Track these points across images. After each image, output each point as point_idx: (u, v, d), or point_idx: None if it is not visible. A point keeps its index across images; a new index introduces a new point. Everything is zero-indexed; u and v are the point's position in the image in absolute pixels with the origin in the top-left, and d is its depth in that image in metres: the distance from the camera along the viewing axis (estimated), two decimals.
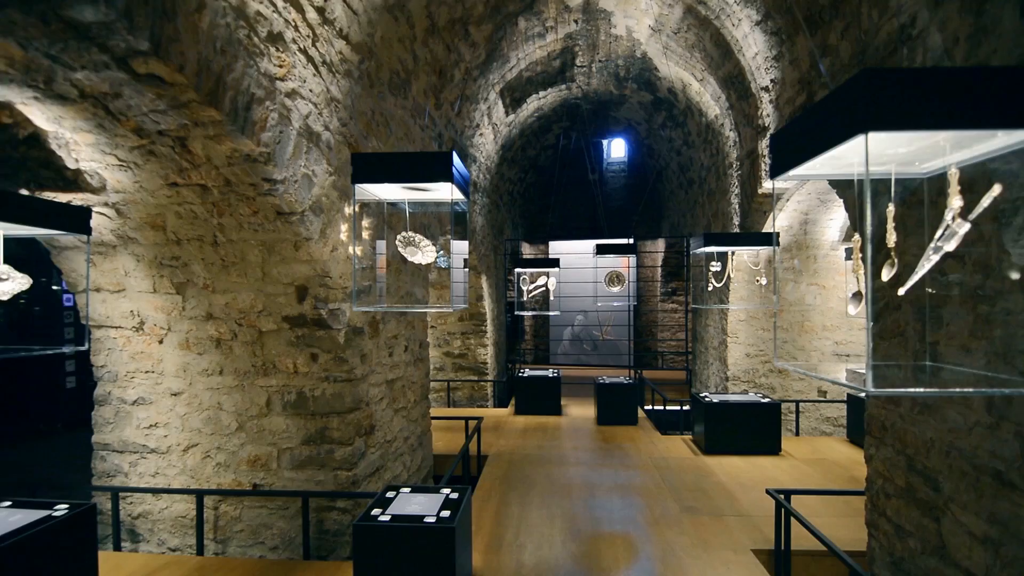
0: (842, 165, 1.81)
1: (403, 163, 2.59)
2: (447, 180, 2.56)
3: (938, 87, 1.33)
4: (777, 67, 4.94)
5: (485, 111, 7.23)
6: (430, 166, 2.57)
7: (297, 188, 2.87)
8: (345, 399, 3.47)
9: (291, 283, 3.23)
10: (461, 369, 8.52)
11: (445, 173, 2.56)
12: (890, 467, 2.96)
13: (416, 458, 4.78)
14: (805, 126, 1.70)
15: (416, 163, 2.58)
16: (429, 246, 2.87)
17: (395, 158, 2.61)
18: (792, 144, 1.78)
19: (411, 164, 2.58)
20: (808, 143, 1.67)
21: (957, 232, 1.57)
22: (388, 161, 2.59)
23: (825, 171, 1.89)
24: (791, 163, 1.78)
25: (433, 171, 2.57)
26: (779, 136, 1.86)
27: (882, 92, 1.34)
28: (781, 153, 1.85)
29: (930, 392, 2.14)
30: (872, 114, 1.34)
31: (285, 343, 3.42)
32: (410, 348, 4.63)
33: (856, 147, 1.58)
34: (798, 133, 1.74)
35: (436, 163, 2.56)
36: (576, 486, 4.69)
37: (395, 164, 2.59)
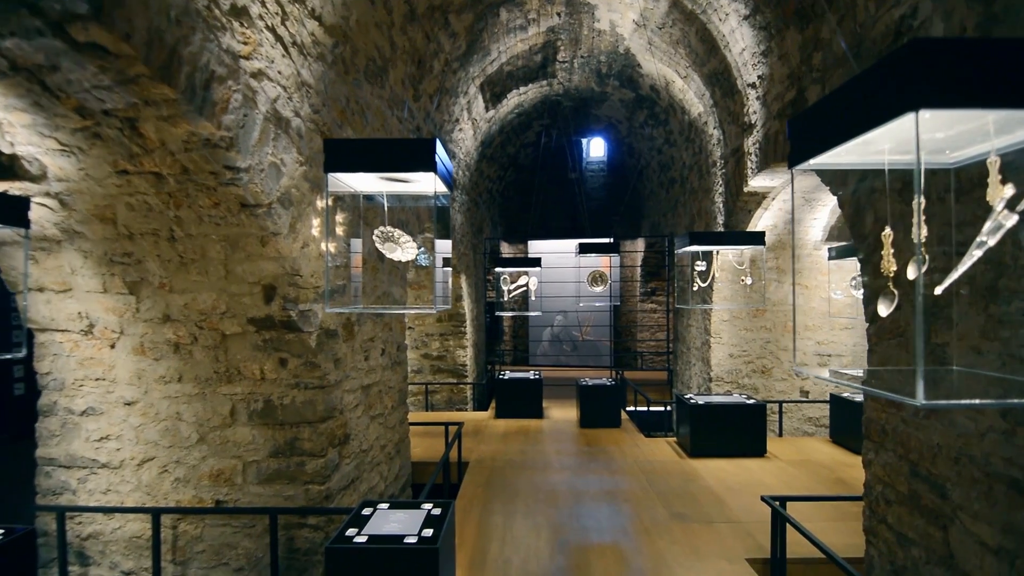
0: (870, 152, 1.65)
1: (381, 151, 2.37)
2: (429, 170, 2.35)
3: (1004, 60, 1.17)
4: (765, 63, 4.84)
5: (465, 105, 7.01)
6: (411, 154, 2.35)
7: (263, 178, 2.62)
8: (317, 407, 3.22)
9: (257, 282, 2.98)
10: (440, 371, 8.28)
11: (427, 162, 2.34)
12: (891, 473, 2.86)
13: (394, 467, 4.54)
14: (834, 107, 1.54)
15: (396, 151, 2.36)
16: (409, 242, 2.65)
17: (372, 145, 2.38)
18: (817, 128, 1.62)
19: (390, 152, 2.36)
20: (838, 126, 1.50)
21: (1004, 225, 1.43)
22: (365, 148, 2.37)
23: (851, 159, 1.73)
24: (815, 149, 1.62)
25: (414, 160, 2.35)
26: (801, 120, 1.70)
27: (937, 64, 1.18)
28: (803, 138, 1.69)
29: (989, 403, 1.99)
30: (924, 89, 1.18)
31: (251, 347, 3.16)
32: (387, 351, 4.39)
33: (888, 132, 1.43)
34: (825, 115, 1.58)
35: (418, 151, 2.35)
36: (562, 493, 4.51)
37: (372, 152, 2.37)
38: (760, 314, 6.71)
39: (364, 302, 3.79)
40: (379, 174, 2.53)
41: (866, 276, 3.18)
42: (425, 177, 2.53)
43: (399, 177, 2.56)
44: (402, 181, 2.67)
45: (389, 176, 2.57)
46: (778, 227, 6.22)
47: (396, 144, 2.36)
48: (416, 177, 2.56)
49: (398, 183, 2.73)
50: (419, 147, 2.34)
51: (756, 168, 5.25)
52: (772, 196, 5.64)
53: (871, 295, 3.11)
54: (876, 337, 3.04)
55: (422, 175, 2.51)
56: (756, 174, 5.24)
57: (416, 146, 2.34)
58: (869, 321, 3.13)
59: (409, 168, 2.35)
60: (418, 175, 2.52)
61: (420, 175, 2.52)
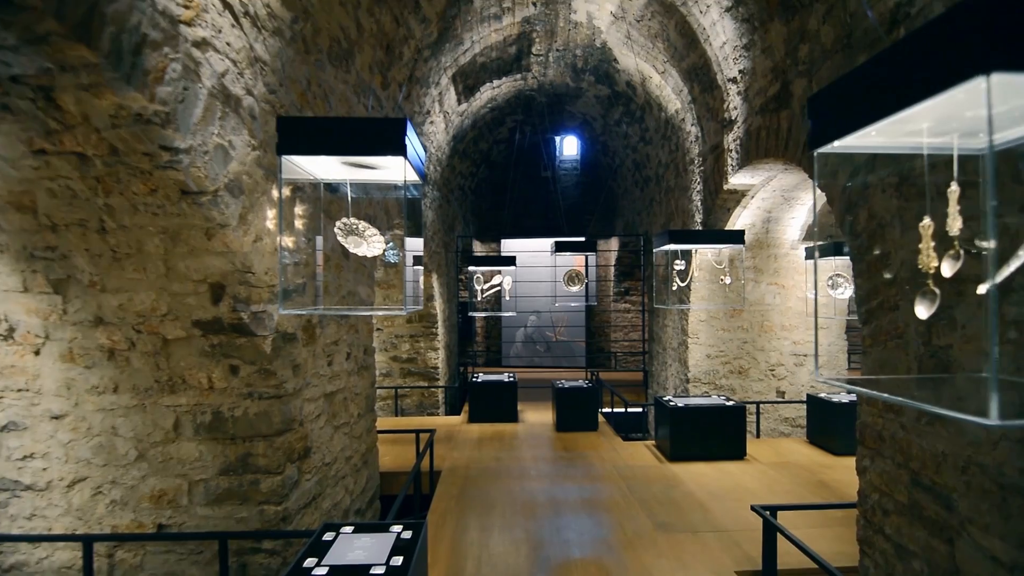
0: (902, 134, 1.46)
1: (344, 131, 2.09)
2: (399, 154, 2.09)
3: None
4: (747, 56, 4.72)
5: (436, 97, 6.72)
6: (378, 136, 2.08)
7: (208, 161, 2.31)
8: (273, 419, 2.91)
9: (203, 280, 2.65)
10: (410, 375, 7.96)
11: (396, 145, 2.08)
12: (889, 481, 2.72)
13: (360, 479, 4.24)
14: (868, 79, 1.33)
15: (361, 131, 2.09)
16: (375, 236, 2.38)
17: (333, 124, 2.10)
18: (845, 105, 1.42)
19: (354, 132, 2.09)
20: (873, 101, 1.30)
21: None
22: (325, 128, 2.08)
23: (879, 141, 1.54)
24: (843, 129, 1.42)
25: (382, 142, 2.08)
26: (825, 97, 1.50)
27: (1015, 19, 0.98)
28: (826, 118, 1.49)
29: None
30: (1000, 49, 0.98)
31: (197, 353, 2.82)
32: (353, 355, 4.08)
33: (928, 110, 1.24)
34: (856, 90, 1.38)
35: (385, 132, 2.08)
36: (540, 504, 4.28)
37: (334, 132, 2.09)
38: (737, 314, 6.62)
39: (327, 302, 3.48)
40: (342, 158, 2.25)
41: (858, 275, 3.05)
42: (394, 163, 2.27)
43: (364, 163, 2.29)
44: (368, 167, 2.39)
45: (353, 161, 2.30)
46: (756, 226, 6.14)
47: (361, 124, 2.09)
48: (384, 163, 2.29)
49: (364, 170, 2.45)
50: (387, 128, 2.07)
51: (737, 165, 5.13)
52: (752, 194, 5.54)
53: (865, 295, 2.97)
54: (871, 339, 2.91)
55: (390, 160, 2.24)
56: (736, 171, 5.12)
57: (384, 126, 2.07)
58: (863, 322, 2.99)
59: (376, 151, 2.08)
60: (386, 160, 2.26)
61: (388, 160, 2.25)
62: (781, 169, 4.88)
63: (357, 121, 2.04)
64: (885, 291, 2.81)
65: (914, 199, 2.66)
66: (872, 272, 2.92)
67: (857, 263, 3.05)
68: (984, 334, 2.10)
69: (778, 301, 6.59)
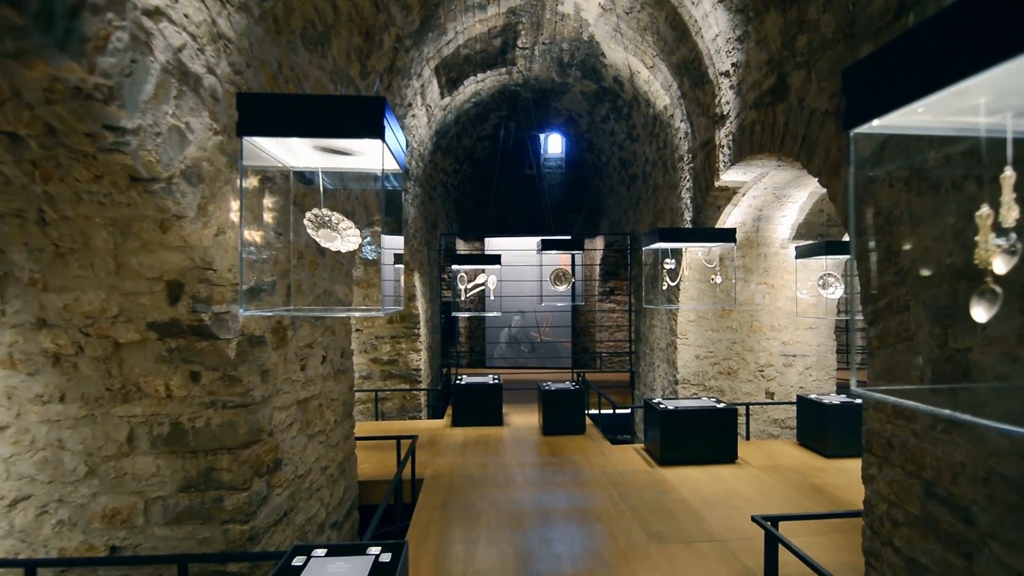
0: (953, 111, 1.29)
1: (314, 110, 1.86)
2: (375, 136, 1.87)
3: None
4: (741, 49, 4.58)
5: (419, 89, 6.48)
6: (353, 116, 1.86)
7: (160, 145, 2.06)
8: (238, 430, 2.66)
9: (159, 277, 2.40)
10: (391, 377, 7.69)
11: (374, 127, 1.86)
12: (899, 491, 2.58)
13: (337, 490, 3.99)
14: (923, 45, 1.15)
15: (333, 111, 1.86)
16: (351, 229, 2.15)
17: (302, 102, 1.87)
18: (892, 76, 1.24)
19: (326, 112, 1.86)
20: (927, 70, 1.12)
21: None
22: (291, 106, 1.85)
23: (923, 121, 1.36)
24: (887, 104, 1.24)
25: (357, 123, 1.86)
26: (864, 69, 1.32)
27: None
28: (866, 92, 1.31)
29: None
30: None
31: (153, 358, 2.57)
32: (329, 358, 3.84)
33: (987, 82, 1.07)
34: (907, 58, 1.20)
35: (362, 111, 1.86)
36: (528, 513, 4.08)
37: (302, 111, 1.86)
38: (726, 314, 6.51)
39: (299, 302, 3.24)
40: (312, 141, 2.02)
41: (863, 274, 2.90)
42: (371, 148, 2.05)
43: (338, 147, 2.06)
44: (343, 153, 2.17)
45: (325, 146, 2.07)
46: (746, 224, 6.02)
47: (333, 102, 1.86)
48: (360, 148, 2.07)
49: (338, 157, 2.23)
50: (363, 107, 1.85)
51: (729, 161, 4.99)
52: (743, 191, 5.41)
53: (876, 293, 2.83)
54: (879, 341, 2.77)
55: (367, 145, 2.02)
56: (729, 167, 4.98)
57: (359, 106, 1.86)
58: (869, 323, 2.85)
59: (350, 133, 1.86)
60: (362, 145, 2.04)
61: (365, 145, 2.03)
62: (774, 165, 4.75)
63: (329, 99, 1.82)
64: (894, 290, 2.66)
65: (926, 193, 2.52)
66: (879, 271, 2.77)
67: (863, 262, 2.91)
68: (1016, 337, 1.95)
69: (767, 301, 6.49)
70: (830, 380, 6.63)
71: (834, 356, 6.65)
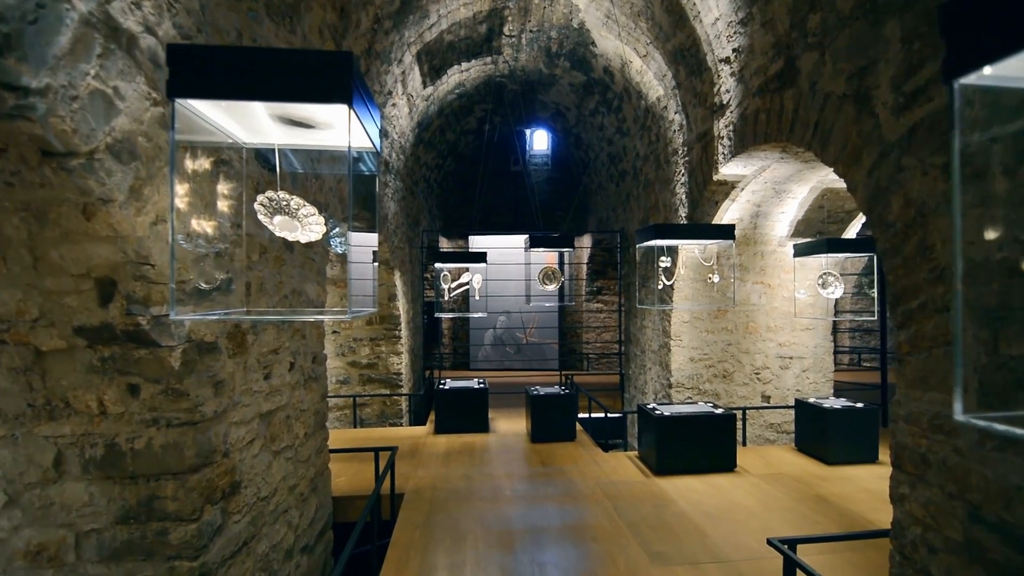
0: None
1: (263, 66, 1.51)
2: (341, 100, 1.52)
3: None
4: (744, 33, 4.31)
5: (399, 76, 6.11)
6: (313, 74, 1.51)
7: (79, 111, 1.69)
8: (185, 451, 2.29)
9: (86, 274, 2.02)
10: (370, 381, 7.30)
11: (338, 88, 1.51)
12: (936, 513, 2.31)
13: (308, 510, 3.62)
14: None
15: (288, 67, 1.51)
16: (314, 216, 1.81)
17: (249, 57, 1.52)
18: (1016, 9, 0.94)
19: (278, 69, 1.51)
20: None
21: None
22: (236, 61, 1.50)
23: None
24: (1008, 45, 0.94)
25: (318, 84, 1.52)
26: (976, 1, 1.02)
27: None
28: (978, 32, 1.01)
29: None
30: None
31: (83, 369, 2.19)
32: (299, 365, 3.47)
33: None
34: None
35: (324, 69, 1.51)
36: (517, 532, 3.76)
37: (248, 68, 1.50)
38: (721, 315, 6.26)
39: (262, 303, 2.87)
40: (268, 110, 1.67)
41: (891, 271, 2.64)
42: (340, 119, 1.70)
43: (297, 115, 1.71)
44: (305, 126, 1.82)
45: (283, 113, 1.72)
46: (744, 221, 5.77)
47: (287, 57, 1.51)
48: (326, 117, 1.72)
49: (302, 132, 1.87)
50: (325, 63, 1.51)
51: (729, 153, 4.72)
52: (742, 186, 5.16)
53: (901, 294, 2.56)
54: (910, 346, 2.50)
55: (334, 115, 1.68)
56: (729, 159, 4.72)
57: (320, 61, 1.51)
58: (899, 326, 2.58)
59: (309, 95, 1.51)
60: (328, 115, 1.69)
61: (331, 115, 1.69)
62: (777, 158, 4.49)
63: (282, 53, 1.48)
64: (929, 289, 2.40)
65: (968, 181, 2.25)
66: (910, 268, 2.51)
67: (890, 258, 2.64)
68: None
69: (764, 301, 6.26)
70: (827, 383, 6.42)
71: (831, 358, 6.44)
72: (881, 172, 2.72)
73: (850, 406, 5.34)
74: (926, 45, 2.47)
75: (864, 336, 12.63)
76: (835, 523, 3.89)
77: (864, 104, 2.89)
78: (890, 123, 2.69)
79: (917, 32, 2.51)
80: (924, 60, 2.47)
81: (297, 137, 1.94)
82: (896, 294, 2.59)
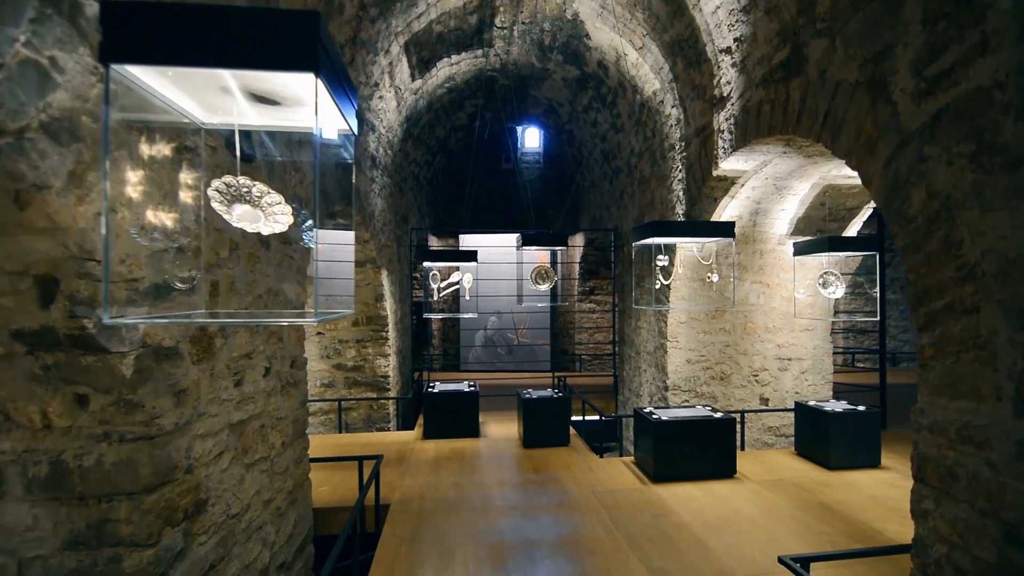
0: None
1: (213, 26, 1.28)
2: (306, 68, 1.31)
3: None
4: (746, 21, 4.12)
5: (386, 67, 5.88)
6: (273, 36, 1.29)
7: (5, 84, 1.46)
8: (140, 469, 2.06)
9: (23, 271, 1.78)
10: (356, 385, 7.06)
11: (303, 54, 1.30)
12: (966, 532, 2.13)
13: (285, 525, 3.39)
14: None
15: (243, 28, 1.29)
16: (280, 205, 1.59)
17: (197, 15, 1.29)
18: None
19: (232, 31, 1.29)
20: None
21: None
22: (184, 21, 1.27)
23: None
24: None
25: (280, 49, 1.30)
26: None
27: None
28: None
29: None
30: None
31: (24, 378, 1.95)
32: (275, 370, 3.23)
33: None
34: None
35: (285, 30, 1.30)
36: (510, 546, 3.55)
37: (199, 29, 1.28)
38: (719, 315, 6.09)
39: (232, 304, 2.63)
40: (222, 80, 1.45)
41: (912, 269, 2.46)
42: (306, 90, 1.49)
43: (259, 88, 1.49)
44: (269, 102, 1.60)
45: (242, 87, 1.50)
46: (743, 218, 5.60)
47: (242, 16, 1.29)
48: (291, 91, 1.51)
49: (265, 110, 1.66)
50: (287, 23, 1.29)
51: (730, 147, 4.54)
52: (742, 182, 4.98)
53: (923, 293, 2.38)
54: (934, 349, 2.32)
55: (300, 86, 1.47)
56: (730, 154, 4.54)
57: (281, 21, 1.29)
58: (921, 328, 2.40)
59: (268, 62, 1.30)
60: (294, 86, 1.48)
61: (297, 86, 1.47)
62: (779, 152, 4.32)
63: (236, 12, 1.26)
64: (956, 288, 2.22)
65: (998, 172, 2.08)
66: (935, 265, 2.33)
67: (910, 255, 2.46)
68: None
69: (762, 301, 6.09)
70: (827, 385, 6.27)
71: (830, 359, 6.29)
72: (900, 163, 2.55)
73: (852, 409, 5.19)
74: (951, 25, 2.29)
75: (858, 336, 12.55)
76: (842, 533, 3.73)
77: (880, 91, 2.72)
78: (910, 110, 2.51)
79: (941, 12, 2.33)
80: (949, 42, 2.30)
81: (262, 117, 1.72)
82: (918, 294, 2.41)
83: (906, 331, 12.98)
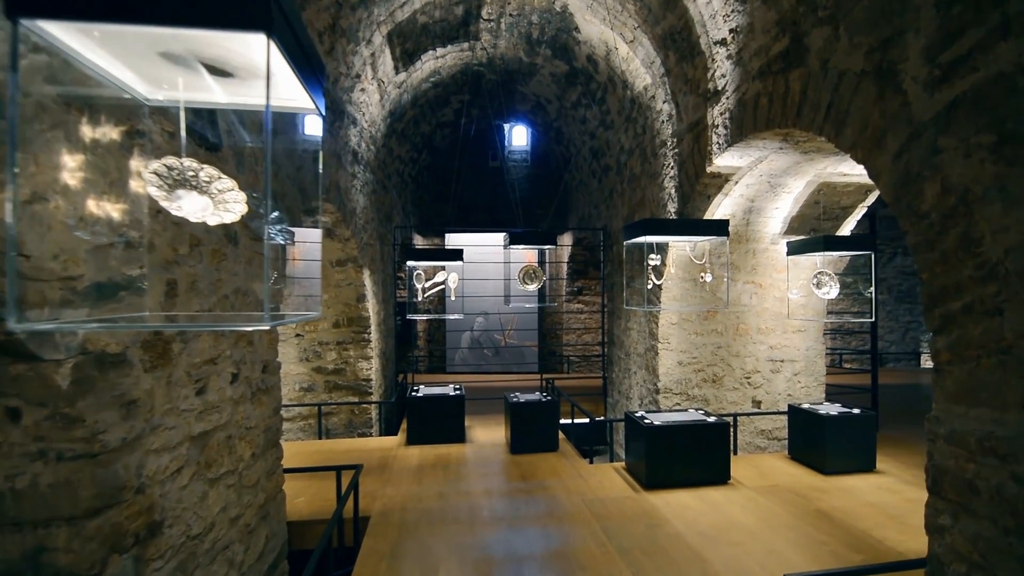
0: None
1: None
2: (257, 27, 1.11)
3: None
4: (743, 11, 3.98)
5: (368, 59, 5.65)
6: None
7: None
8: (81, 491, 1.83)
9: None
10: (337, 388, 6.81)
11: (252, 9, 1.10)
12: (987, 551, 1.99)
13: (256, 542, 3.16)
14: None
15: None
16: (232, 192, 1.38)
17: None
18: None
19: None
20: None
21: None
22: None
23: None
24: None
25: (223, 3, 1.10)
26: None
27: None
28: None
29: None
30: None
31: None
32: (244, 376, 3.00)
33: None
34: None
35: None
36: (497, 561, 3.35)
37: None
38: (711, 316, 5.95)
39: (193, 305, 2.41)
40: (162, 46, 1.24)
41: (926, 268, 2.31)
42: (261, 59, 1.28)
43: (204, 54, 1.28)
44: (220, 73, 1.39)
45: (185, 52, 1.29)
46: (736, 216, 5.47)
47: None
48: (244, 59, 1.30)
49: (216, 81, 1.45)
50: None
51: (725, 142, 4.39)
52: (736, 179, 4.84)
53: (939, 293, 2.24)
54: (951, 354, 2.17)
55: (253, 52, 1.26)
56: (724, 149, 4.39)
57: None
58: (936, 330, 2.26)
59: (206, 18, 1.09)
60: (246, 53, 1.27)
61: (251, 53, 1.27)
62: (776, 147, 4.18)
63: None
64: (976, 289, 2.07)
65: (1020, 163, 1.94)
66: (951, 264, 2.18)
67: (924, 253, 2.32)
68: None
69: (755, 302, 5.97)
70: (819, 387, 6.17)
71: (823, 361, 6.19)
72: (911, 155, 2.40)
73: (847, 412, 5.08)
74: (967, 8, 2.14)
75: (845, 337, 12.56)
76: (841, 542, 3.59)
77: (888, 80, 2.57)
78: (922, 100, 2.36)
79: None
80: (965, 25, 2.15)
81: (214, 93, 1.50)
82: (932, 294, 2.27)
83: (892, 331, 13.02)
